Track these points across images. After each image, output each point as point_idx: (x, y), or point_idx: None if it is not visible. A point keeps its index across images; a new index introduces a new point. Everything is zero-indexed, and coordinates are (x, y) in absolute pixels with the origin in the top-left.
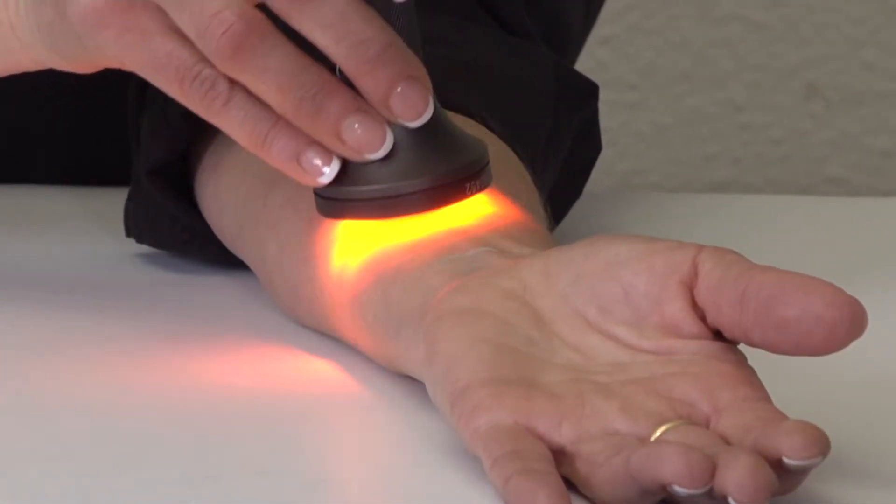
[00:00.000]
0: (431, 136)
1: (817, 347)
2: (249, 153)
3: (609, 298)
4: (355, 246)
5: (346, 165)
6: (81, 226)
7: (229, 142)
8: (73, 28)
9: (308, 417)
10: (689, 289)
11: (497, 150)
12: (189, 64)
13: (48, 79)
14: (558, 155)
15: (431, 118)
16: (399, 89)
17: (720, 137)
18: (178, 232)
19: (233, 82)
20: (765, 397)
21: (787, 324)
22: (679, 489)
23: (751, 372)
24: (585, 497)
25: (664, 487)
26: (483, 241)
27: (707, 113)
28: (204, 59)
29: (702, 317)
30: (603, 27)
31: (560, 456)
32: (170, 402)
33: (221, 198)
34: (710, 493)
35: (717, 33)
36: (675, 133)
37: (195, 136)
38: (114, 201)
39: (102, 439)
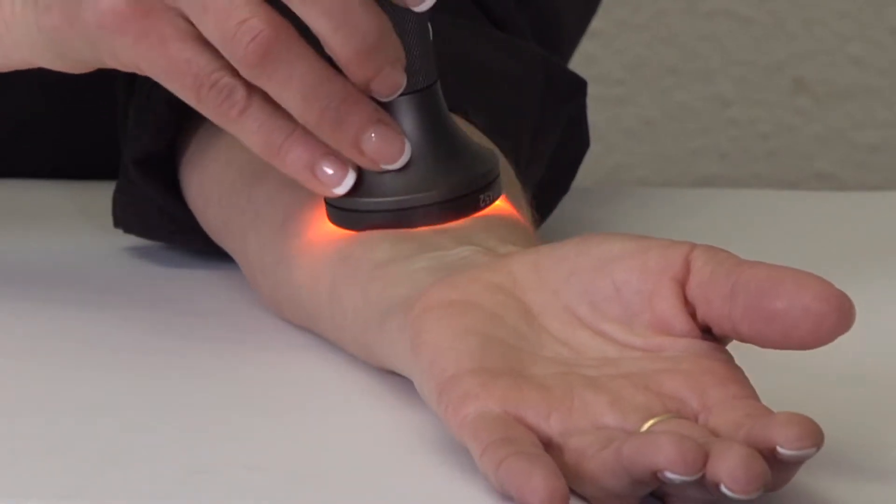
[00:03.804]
0: (445, 148)
1: (804, 340)
2: (235, 144)
3: (601, 295)
4: (332, 244)
5: (360, 177)
6: (69, 220)
7: (215, 133)
8: (87, 33)
9: (295, 412)
10: (681, 286)
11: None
12: (207, 71)
13: (36, 71)
14: (545, 151)
15: (445, 131)
16: (382, 73)
17: (707, 132)
18: (165, 222)
19: (250, 91)
20: (753, 395)
21: (776, 316)
22: (672, 476)
23: (739, 371)
24: (574, 492)
25: (656, 476)
26: (467, 239)
27: (694, 108)
28: (222, 66)
29: (692, 314)
30: None
31: (548, 448)
32: (157, 398)
33: (206, 189)
34: (702, 482)
35: (705, 28)
36: (663, 128)
37: (181, 125)
38: (102, 195)
39: (90, 434)
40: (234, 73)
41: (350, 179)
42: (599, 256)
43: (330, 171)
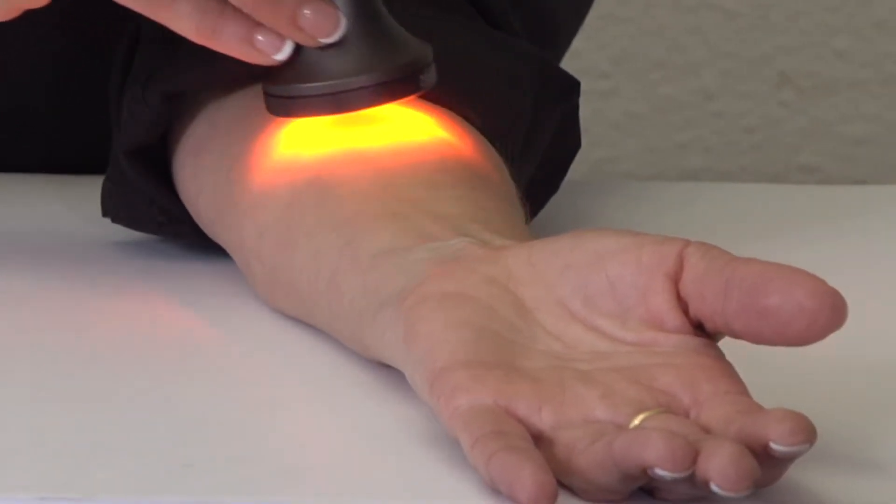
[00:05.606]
0: (380, 32)
1: (797, 337)
2: (230, 136)
3: (594, 290)
4: (332, 232)
5: (296, 63)
6: (58, 212)
7: (210, 124)
8: None
9: (287, 406)
10: (674, 282)
11: (475, 143)
12: None
13: (30, 64)
14: (537, 149)
15: (378, 15)
16: None
17: (693, 125)
18: (154, 213)
19: None
20: (744, 391)
21: (769, 312)
22: (661, 472)
23: (730, 367)
24: (563, 486)
25: (645, 472)
26: (463, 230)
27: (680, 101)
28: None
29: (685, 310)
30: None
31: (538, 442)
32: (146, 391)
33: (200, 180)
34: (692, 480)
35: (690, 21)
36: (648, 121)
37: (175, 117)
38: (91, 189)
39: (78, 428)
40: None
41: (288, 46)
42: (593, 251)
43: (266, 39)
